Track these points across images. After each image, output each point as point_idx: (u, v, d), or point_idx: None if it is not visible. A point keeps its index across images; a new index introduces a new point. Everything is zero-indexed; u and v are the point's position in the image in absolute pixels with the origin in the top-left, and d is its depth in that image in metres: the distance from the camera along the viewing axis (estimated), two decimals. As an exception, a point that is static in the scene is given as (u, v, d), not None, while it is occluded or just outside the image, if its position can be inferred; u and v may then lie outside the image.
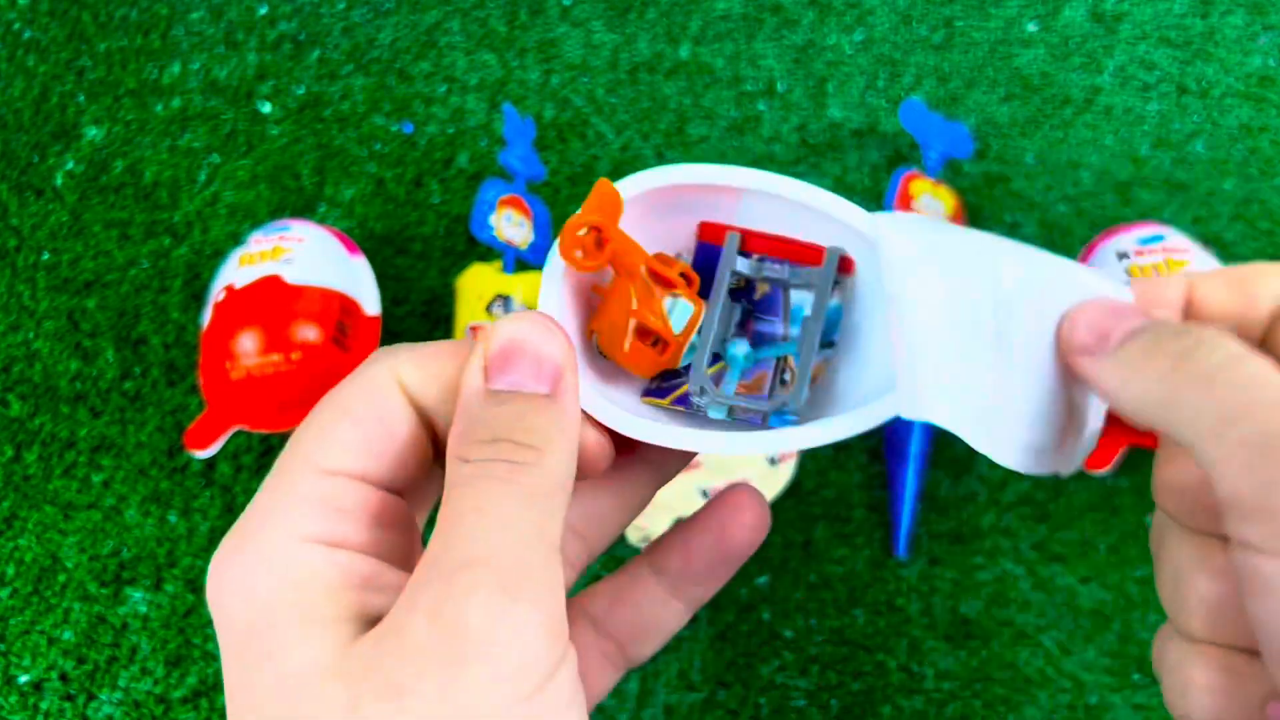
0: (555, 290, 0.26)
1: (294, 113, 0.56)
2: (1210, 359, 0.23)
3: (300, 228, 0.47)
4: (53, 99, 0.58)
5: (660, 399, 0.27)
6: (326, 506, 0.22)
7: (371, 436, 0.23)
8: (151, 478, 0.48)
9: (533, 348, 0.23)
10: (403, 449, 0.23)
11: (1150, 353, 0.24)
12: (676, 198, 0.27)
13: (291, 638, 0.21)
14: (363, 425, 0.23)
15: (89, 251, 0.53)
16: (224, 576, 0.22)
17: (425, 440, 0.24)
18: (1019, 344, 0.26)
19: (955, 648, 0.42)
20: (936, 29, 0.57)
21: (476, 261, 0.51)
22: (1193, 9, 0.56)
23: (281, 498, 0.22)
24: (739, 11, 0.58)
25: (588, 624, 0.28)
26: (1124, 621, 0.42)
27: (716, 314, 0.27)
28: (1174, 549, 0.26)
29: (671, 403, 0.27)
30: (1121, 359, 0.25)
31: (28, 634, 0.45)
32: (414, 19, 0.59)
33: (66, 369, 0.50)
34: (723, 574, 0.28)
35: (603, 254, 0.26)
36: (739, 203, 0.27)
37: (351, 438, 0.23)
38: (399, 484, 0.24)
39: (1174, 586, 0.26)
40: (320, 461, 0.22)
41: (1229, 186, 0.51)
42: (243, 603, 0.21)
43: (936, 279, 0.26)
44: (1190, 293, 0.27)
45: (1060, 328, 0.26)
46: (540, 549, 0.21)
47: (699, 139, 0.54)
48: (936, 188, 0.49)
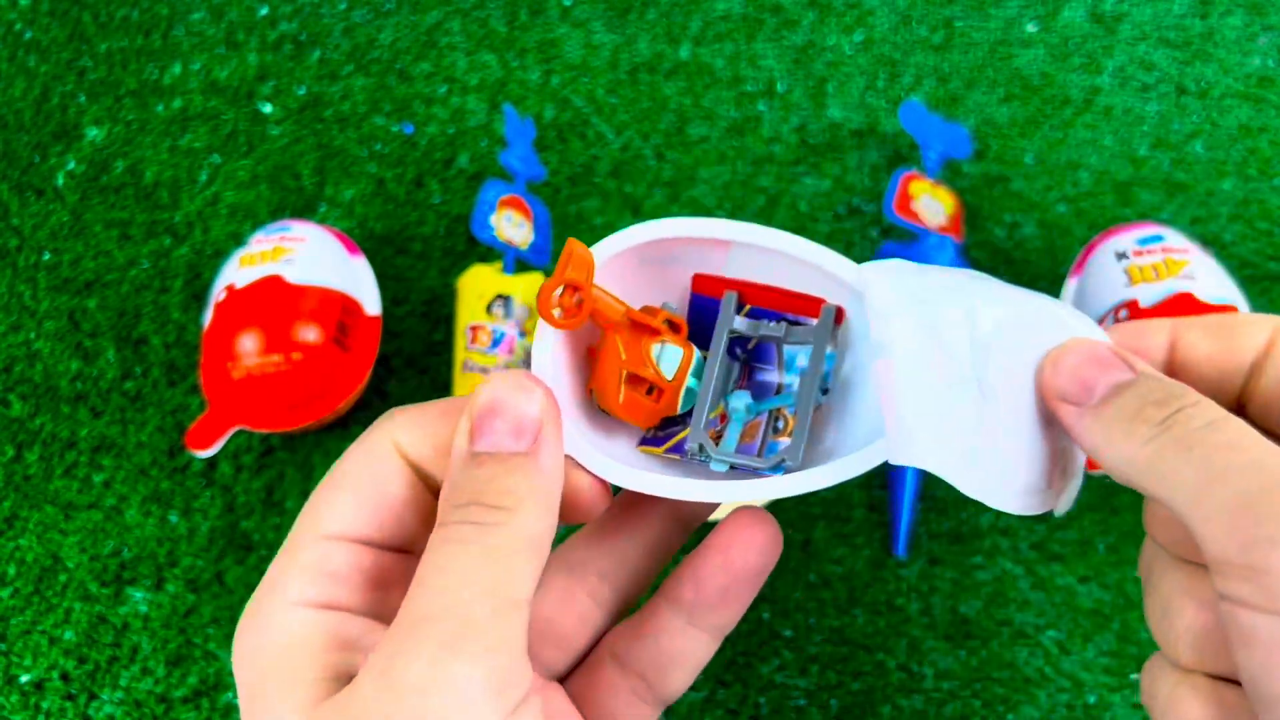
0: (547, 350, 0.26)
1: (294, 113, 0.56)
2: (1190, 424, 0.24)
3: (301, 228, 0.48)
4: (54, 99, 0.58)
5: (655, 448, 0.28)
6: (320, 571, 0.23)
7: (366, 499, 0.24)
8: (152, 478, 0.48)
9: (510, 407, 0.24)
10: (399, 509, 0.24)
11: (1133, 417, 0.25)
12: (666, 250, 0.28)
13: (275, 698, 0.22)
14: (358, 490, 0.24)
15: (90, 251, 0.53)
16: (237, 643, 0.23)
17: (426, 499, 0.25)
18: (1000, 386, 0.26)
19: (955, 647, 0.42)
20: (936, 29, 0.57)
21: (477, 262, 0.51)
22: (1192, 10, 0.56)
23: (285, 565, 0.24)
24: (739, 12, 0.58)
25: (613, 664, 0.28)
26: (1123, 621, 0.42)
27: (716, 372, 0.28)
28: (1163, 577, 0.27)
29: (666, 451, 0.28)
30: (1105, 419, 0.26)
31: (29, 634, 0.45)
32: (414, 19, 0.59)
33: (67, 369, 0.51)
34: (739, 598, 0.28)
35: (581, 312, 0.26)
36: (728, 254, 0.28)
37: (347, 503, 0.24)
38: (402, 543, 0.25)
39: (1163, 615, 0.26)
40: (320, 528, 0.24)
41: (1228, 187, 0.51)
42: (248, 665, 0.23)
43: (916, 328, 0.26)
44: (1174, 339, 0.28)
45: (1042, 369, 0.27)
46: (490, 604, 0.22)
47: (699, 139, 0.55)
48: (936, 188, 0.49)
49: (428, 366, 0.50)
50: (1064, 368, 0.26)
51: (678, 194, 0.53)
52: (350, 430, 0.48)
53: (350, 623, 0.23)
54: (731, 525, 0.27)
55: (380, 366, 0.49)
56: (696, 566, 0.27)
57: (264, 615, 0.23)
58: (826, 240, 0.51)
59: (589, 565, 0.28)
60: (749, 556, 0.27)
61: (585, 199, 0.53)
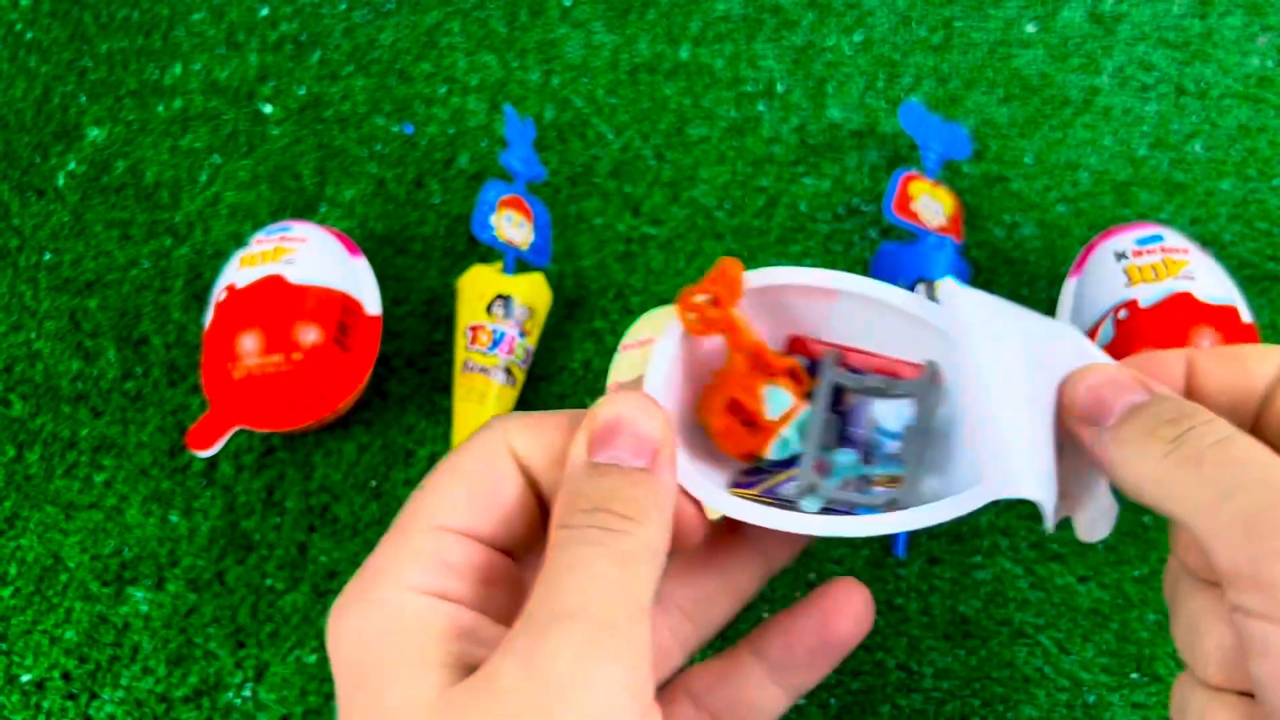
0: (663, 367, 0.27)
1: (295, 113, 0.56)
2: (1201, 441, 0.25)
3: (302, 228, 0.48)
4: (54, 99, 0.58)
5: (748, 490, 0.28)
6: (436, 560, 0.24)
7: (480, 496, 0.25)
8: (153, 477, 0.48)
9: (632, 425, 0.25)
10: (510, 510, 0.25)
11: (1147, 435, 0.26)
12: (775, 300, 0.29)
13: (397, 676, 0.23)
14: (473, 485, 0.25)
15: (90, 252, 0.53)
16: (341, 622, 0.24)
17: (533, 504, 0.26)
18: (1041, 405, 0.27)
19: (954, 646, 0.42)
20: (935, 30, 0.57)
21: (477, 262, 0.51)
22: (1191, 10, 0.56)
23: (396, 552, 0.24)
24: (739, 12, 0.58)
25: (688, 700, 0.28)
26: (1122, 621, 0.42)
27: (819, 421, 0.29)
28: (1189, 598, 0.27)
29: (760, 493, 0.28)
30: (1121, 439, 0.26)
31: (29, 633, 0.45)
32: (414, 20, 0.59)
33: (68, 369, 0.51)
34: (824, 664, 0.28)
35: (716, 325, 0.28)
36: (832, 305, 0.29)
37: (462, 497, 0.25)
38: (507, 544, 0.26)
39: (1190, 635, 0.27)
40: (433, 519, 0.24)
41: (1227, 187, 0.51)
42: (357, 645, 0.23)
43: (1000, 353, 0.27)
44: (1190, 368, 0.29)
45: (1062, 391, 0.27)
46: (627, 607, 0.23)
47: (699, 139, 0.55)
48: (935, 188, 0.49)
49: (428, 366, 0.50)
50: (1083, 389, 0.27)
51: (678, 194, 0.53)
52: (351, 430, 0.48)
53: (465, 614, 0.24)
54: (832, 591, 0.28)
55: (381, 366, 0.49)
56: (789, 625, 0.28)
57: (376, 598, 0.24)
58: (826, 240, 0.51)
59: (673, 598, 0.28)
60: (844, 624, 0.28)
61: (585, 199, 0.53)
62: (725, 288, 0.28)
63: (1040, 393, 0.27)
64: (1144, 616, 0.42)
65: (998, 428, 0.27)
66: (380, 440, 0.48)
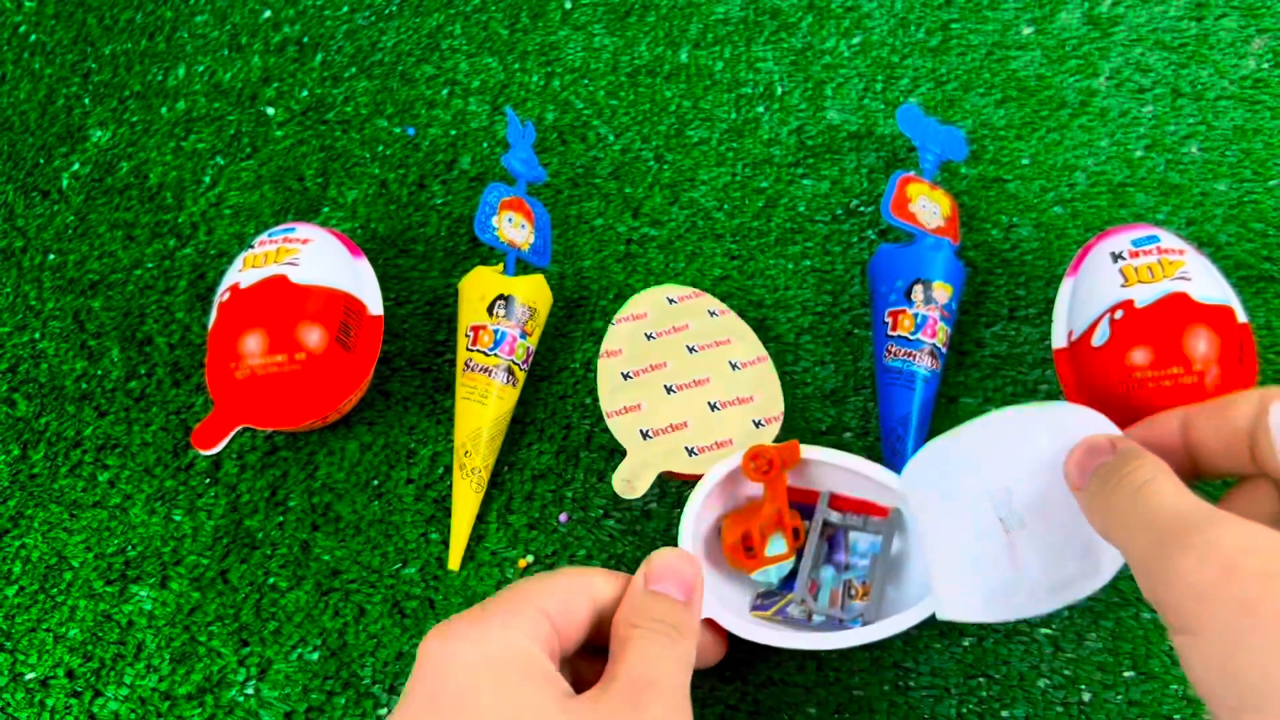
0: (691, 525, 0.40)
1: (298, 115, 0.57)
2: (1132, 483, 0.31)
3: (305, 230, 0.48)
4: (59, 101, 0.58)
5: (764, 612, 0.40)
6: (537, 626, 0.33)
7: (565, 608, 0.34)
8: (156, 476, 0.48)
9: (677, 571, 0.37)
10: (578, 626, 0.35)
11: (1099, 486, 0.33)
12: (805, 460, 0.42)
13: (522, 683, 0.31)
14: (565, 600, 0.35)
15: (94, 252, 0.54)
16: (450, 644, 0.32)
17: (587, 632, 0.35)
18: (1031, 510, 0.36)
19: (949, 644, 0.42)
20: (933, 33, 0.57)
21: (478, 263, 0.51)
22: (1187, 12, 0.57)
23: (508, 610, 0.33)
24: (737, 16, 0.59)
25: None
26: (1116, 619, 0.42)
27: (814, 548, 0.41)
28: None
29: (774, 614, 0.40)
30: (1088, 494, 0.33)
31: (34, 631, 0.45)
32: (416, 23, 0.59)
33: (72, 369, 0.51)
34: None
35: (767, 477, 0.40)
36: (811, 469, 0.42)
37: (557, 603, 0.34)
38: (565, 645, 0.35)
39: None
40: (538, 604, 0.34)
41: (1222, 188, 0.52)
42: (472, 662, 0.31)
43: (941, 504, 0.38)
44: (1185, 423, 0.35)
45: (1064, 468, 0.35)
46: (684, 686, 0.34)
47: (698, 141, 0.55)
48: (933, 190, 0.49)
49: (430, 366, 0.50)
50: (1070, 465, 0.35)
51: (677, 196, 0.54)
52: (353, 429, 0.48)
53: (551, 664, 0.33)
54: None
55: (383, 366, 0.50)
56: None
57: (494, 636, 0.32)
58: (824, 241, 0.52)
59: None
60: None
61: (586, 200, 0.54)
62: (790, 455, 0.40)
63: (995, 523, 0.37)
64: (1139, 615, 0.42)
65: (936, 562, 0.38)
66: (383, 439, 0.48)
